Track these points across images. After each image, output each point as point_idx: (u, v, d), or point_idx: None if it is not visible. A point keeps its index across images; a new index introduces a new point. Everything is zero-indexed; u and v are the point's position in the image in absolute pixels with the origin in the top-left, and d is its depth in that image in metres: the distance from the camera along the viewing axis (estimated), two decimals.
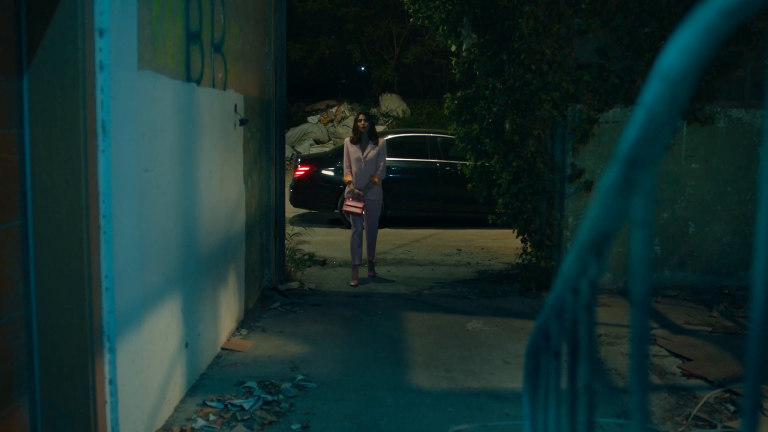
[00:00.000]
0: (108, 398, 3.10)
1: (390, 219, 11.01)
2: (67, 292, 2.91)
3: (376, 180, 7.40)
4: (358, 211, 7.36)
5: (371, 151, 7.37)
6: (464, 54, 7.37)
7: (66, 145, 2.84)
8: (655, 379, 4.70)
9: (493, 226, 7.68)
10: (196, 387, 4.39)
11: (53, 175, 2.86)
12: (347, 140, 7.48)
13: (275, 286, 6.82)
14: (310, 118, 23.57)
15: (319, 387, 4.49)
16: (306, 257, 8.19)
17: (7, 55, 2.74)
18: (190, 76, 4.19)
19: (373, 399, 4.31)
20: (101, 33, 2.91)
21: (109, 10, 2.92)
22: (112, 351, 3.10)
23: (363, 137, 7.37)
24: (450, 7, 7.15)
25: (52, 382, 2.97)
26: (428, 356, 5.13)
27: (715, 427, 4.02)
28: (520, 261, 7.32)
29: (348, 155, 7.43)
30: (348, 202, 7.46)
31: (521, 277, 7.25)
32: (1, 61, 2.69)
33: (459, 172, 8.12)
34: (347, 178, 7.45)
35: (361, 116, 7.42)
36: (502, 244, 9.77)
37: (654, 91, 0.68)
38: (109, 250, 3.03)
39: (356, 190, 7.39)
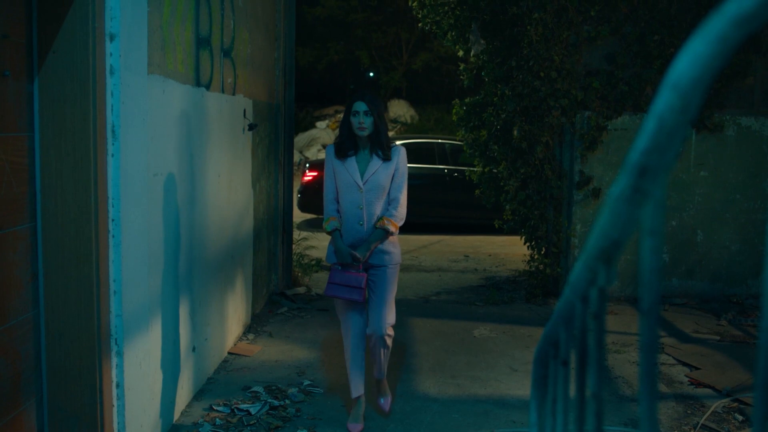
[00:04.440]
0: (115, 402, 3.11)
1: None
2: (76, 296, 2.92)
3: (390, 228, 3.90)
4: (356, 297, 3.86)
5: (379, 171, 3.90)
6: (472, 60, 7.37)
7: (75, 148, 2.86)
8: (662, 388, 4.67)
9: (501, 232, 7.67)
10: (203, 391, 4.39)
11: (62, 179, 2.87)
12: (329, 149, 4.00)
13: (282, 291, 6.83)
14: (318, 124, 23.63)
15: (326, 392, 4.48)
16: (313, 262, 8.19)
17: (18, 59, 2.75)
18: (200, 81, 4.20)
19: (379, 405, 4.30)
20: (112, 38, 2.92)
21: (119, 15, 2.93)
22: (120, 354, 3.10)
23: (360, 143, 3.93)
24: (458, 13, 7.16)
25: (60, 384, 2.97)
26: (435, 362, 5.12)
27: None
28: (527, 268, 7.30)
29: (332, 176, 3.97)
30: (334, 280, 3.92)
31: (528, 284, 7.23)
32: (12, 65, 2.71)
33: (467, 178, 8.11)
34: (330, 222, 3.95)
35: (360, 105, 3.83)
36: (509, 250, 9.75)
37: (665, 99, 0.68)
38: (117, 254, 3.04)
39: (349, 252, 3.90)
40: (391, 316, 4.02)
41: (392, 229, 3.91)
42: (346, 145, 3.94)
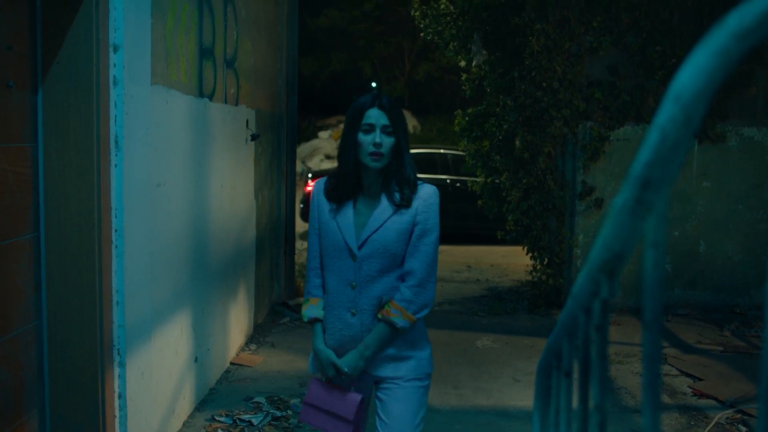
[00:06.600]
0: (117, 412, 3.10)
1: None
2: (78, 306, 2.92)
3: (400, 321, 2.34)
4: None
5: (388, 225, 2.35)
6: (474, 70, 7.39)
7: (79, 159, 2.86)
8: (665, 399, 4.66)
9: (503, 242, 7.66)
10: (205, 402, 4.38)
11: (66, 189, 2.88)
12: (317, 187, 2.52)
13: (285, 301, 6.82)
14: (321, 134, 23.68)
15: None
16: None
17: (22, 70, 2.76)
18: (203, 92, 4.22)
19: None
20: (115, 49, 2.94)
21: (123, 26, 2.95)
22: (122, 365, 3.10)
23: (366, 179, 2.41)
24: (460, 24, 7.17)
25: (62, 395, 2.97)
26: (437, 373, 5.10)
27: None
28: (529, 278, 7.29)
29: (317, 229, 2.47)
30: (311, 400, 2.52)
31: (530, 294, 7.22)
32: (17, 76, 2.72)
33: (469, 188, 8.12)
34: (309, 307, 2.49)
35: (377, 115, 2.33)
36: (511, 261, 9.74)
37: (667, 112, 0.68)
38: (120, 264, 3.04)
39: (331, 362, 2.44)
40: None
41: (402, 323, 2.35)
42: (345, 183, 2.42)
